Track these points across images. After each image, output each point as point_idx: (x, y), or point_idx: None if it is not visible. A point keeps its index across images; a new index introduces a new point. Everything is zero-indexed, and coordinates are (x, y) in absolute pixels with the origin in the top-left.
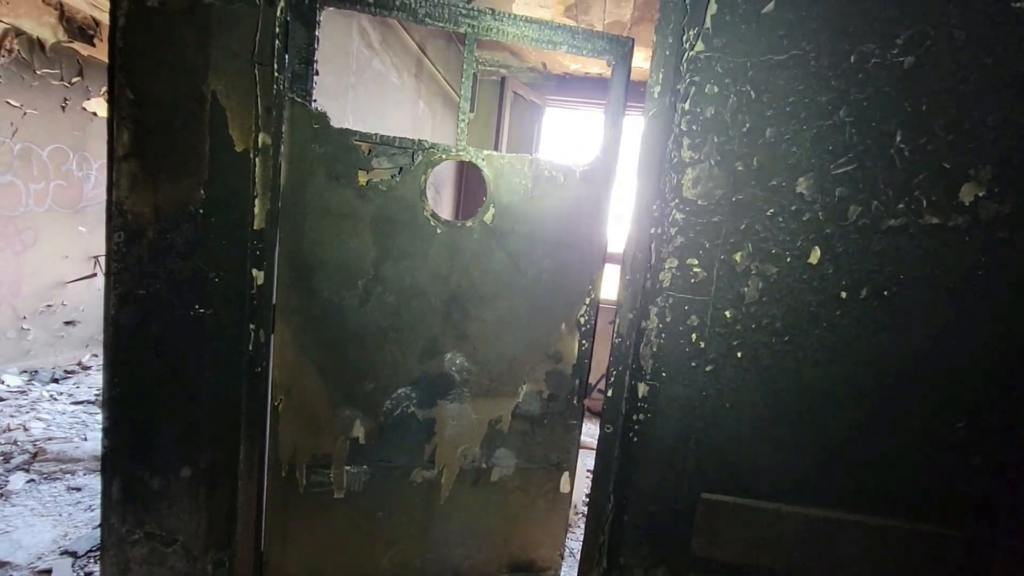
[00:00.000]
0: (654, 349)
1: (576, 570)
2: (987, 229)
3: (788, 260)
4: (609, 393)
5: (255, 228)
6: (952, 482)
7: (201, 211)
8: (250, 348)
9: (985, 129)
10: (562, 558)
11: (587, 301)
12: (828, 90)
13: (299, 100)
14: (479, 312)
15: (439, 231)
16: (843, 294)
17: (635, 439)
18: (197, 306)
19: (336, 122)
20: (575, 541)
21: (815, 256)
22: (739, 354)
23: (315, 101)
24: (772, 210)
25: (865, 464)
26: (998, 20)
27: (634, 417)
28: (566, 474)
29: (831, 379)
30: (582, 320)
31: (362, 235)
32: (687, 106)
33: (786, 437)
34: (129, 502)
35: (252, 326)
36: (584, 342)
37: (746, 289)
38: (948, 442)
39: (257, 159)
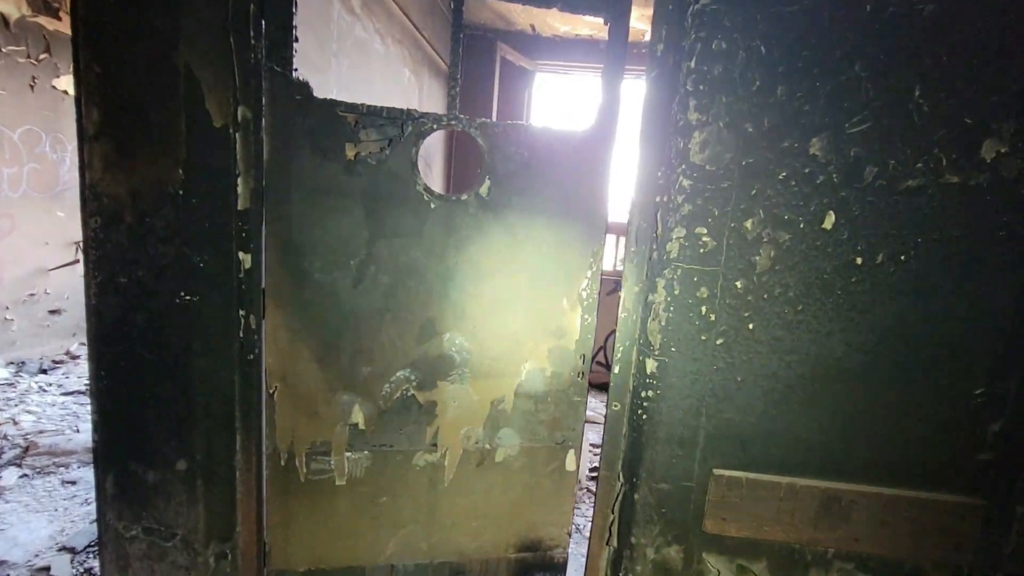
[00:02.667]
0: (663, 323)
1: (582, 547)
2: (1009, 187)
3: (801, 226)
4: (616, 370)
5: (239, 208)
6: (970, 450)
7: (181, 192)
8: (241, 335)
9: (1008, 81)
10: (569, 536)
11: (588, 274)
12: (843, 43)
13: (279, 70)
14: (478, 290)
15: (433, 206)
16: (858, 260)
17: (644, 416)
18: (183, 293)
19: (320, 95)
20: (579, 517)
21: (829, 221)
22: (751, 326)
23: (296, 70)
24: (784, 173)
25: (881, 434)
26: None
27: (643, 394)
28: (571, 451)
29: (846, 348)
30: (584, 294)
31: (352, 212)
32: (693, 64)
33: (800, 409)
34: (125, 497)
35: (242, 312)
36: (587, 316)
37: (758, 258)
38: (966, 410)
39: (237, 135)
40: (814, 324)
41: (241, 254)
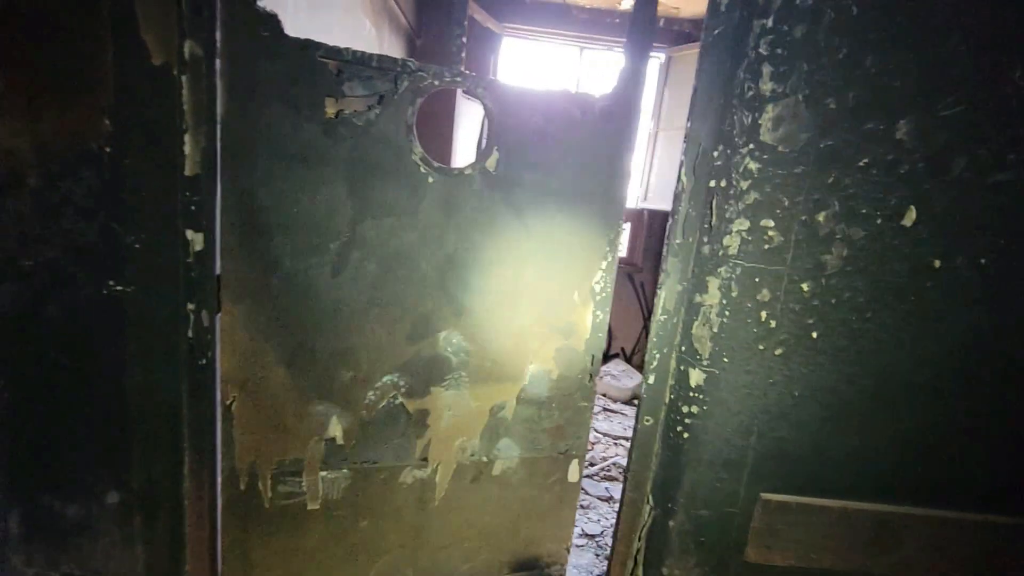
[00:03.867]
0: (715, 329)
1: (577, 557)
2: None
3: (879, 221)
4: (651, 380)
5: (187, 174)
6: None
7: (108, 150)
8: (190, 334)
9: None
10: (568, 551)
11: (603, 265)
12: (943, 10)
13: None
14: (480, 281)
15: (431, 181)
16: (936, 262)
17: (685, 434)
18: (112, 282)
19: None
20: (589, 523)
21: (910, 217)
22: (814, 334)
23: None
24: (866, 160)
25: (941, 453)
26: None
27: (684, 409)
28: (575, 461)
29: (913, 360)
30: (597, 288)
31: (333, 184)
32: (770, 23)
33: (857, 427)
34: (36, 538)
35: (191, 306)
36: (599, 313)
37: (828, 257)
38: None
39: (184, 77)
40: (880, 334)
41: (190, 232)
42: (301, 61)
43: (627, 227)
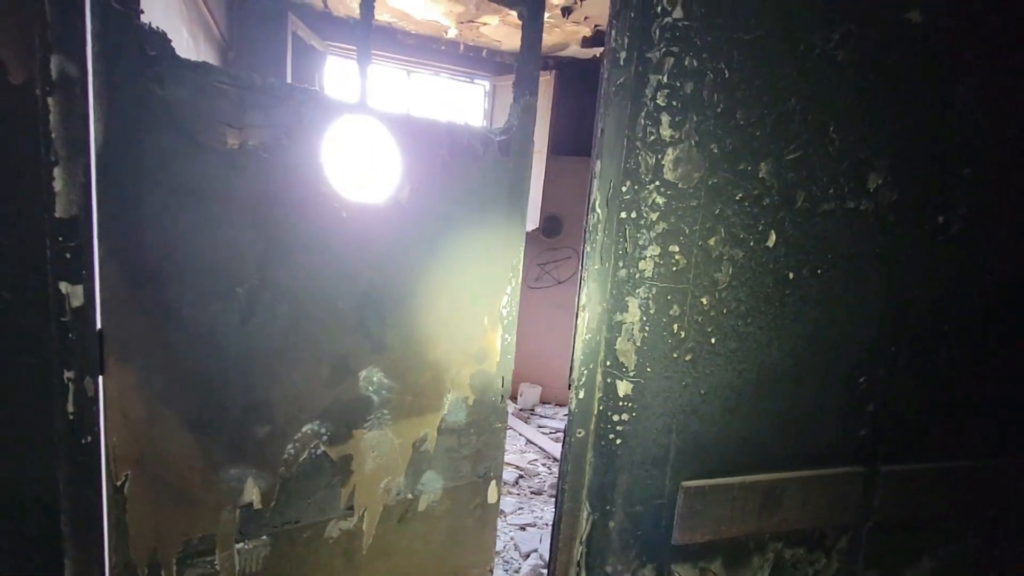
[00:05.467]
0: (638, 344)
1: (504, 569)
2: (883, 214)
3: (752, 244)
4: (581, 395)
5: (58, 216)
6: (855, 429)
7: None
8: (69, 409)
9: (883, 123)
10: (491, 572)
11: (508, 290)
12: (784, 77)
13: (118, 6)
14: (397, 315)
15: (345, 215)
16: (791, 274)
17: (617, 440)
18: None
19: None
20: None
21: (772, 239)
22: (713, 340)
23: (142, 12)
24: (740, 194)
25: (802, 425)
26: (893, 29)
27: (615, 417)
28: (493, 483)
29: (780, 354)
30: (504, 312)
31: (237, 222)
32: (665, 79)
33: (747, 413)
34: None
35: (68, 374)
36: (507, 336)
37: (719, 274)
38: (853, 395)
39: (50, 99)
40: (759, 334)
41: (64, 285)
42: (197, 86)
43: None
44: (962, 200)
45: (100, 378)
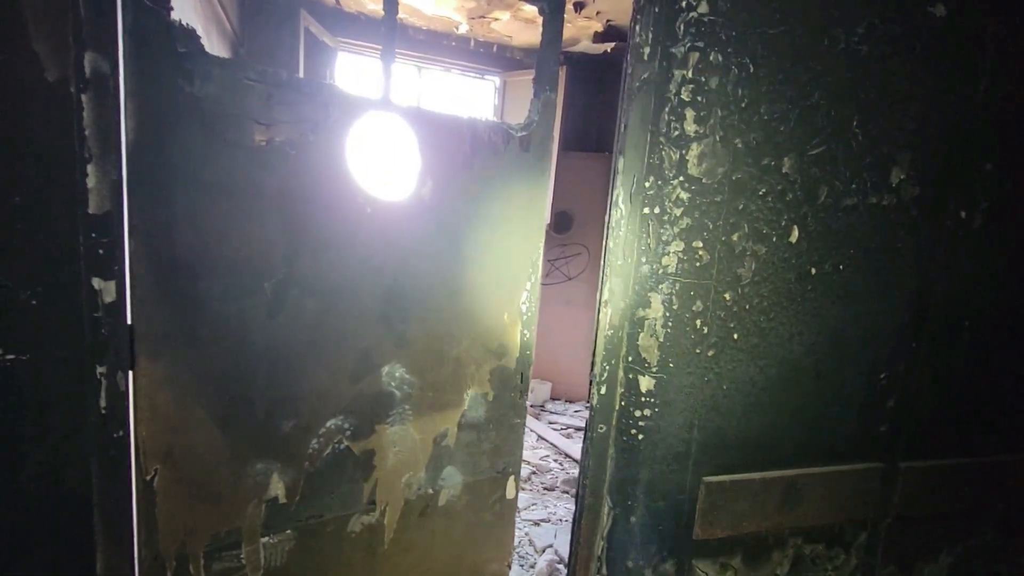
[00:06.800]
0: (660, 339)
1: (519, 564)
2: (905, 209)
3: (774, 239)
4: (603, 390)
5: (92, 212)
6: (875, 424)
7: None
8: (102, 403)
9: (907, 120)
10: (509, 568)
11: (528, 285)
12: (808, 71)
13: (149, 3)
14: (420, 310)
15: (369, 211)
16: (813, 270)
17: (639, 436)
18: (1, 350)
19: None
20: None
21: (794, 235)
22: (735, 335)
23: (172, 9)
24: (764, 189)
25: (823, 421)
26: (917, 23)
27: (636, 413)
28: (512, 478)
29: (803, 349)
30: (524, 307)
31: (266, 218)
32: (689, 74)
33: (769, 408)
34: None
35: (101, 369)
36: (526, 331)
37: (742, 270)
38: (875, 391)
39: (84, 96)
40: (781, 330)
41: (97, 281)
42: (225, 82)
43: None
44: (984, 195)
45: (130, 373)
